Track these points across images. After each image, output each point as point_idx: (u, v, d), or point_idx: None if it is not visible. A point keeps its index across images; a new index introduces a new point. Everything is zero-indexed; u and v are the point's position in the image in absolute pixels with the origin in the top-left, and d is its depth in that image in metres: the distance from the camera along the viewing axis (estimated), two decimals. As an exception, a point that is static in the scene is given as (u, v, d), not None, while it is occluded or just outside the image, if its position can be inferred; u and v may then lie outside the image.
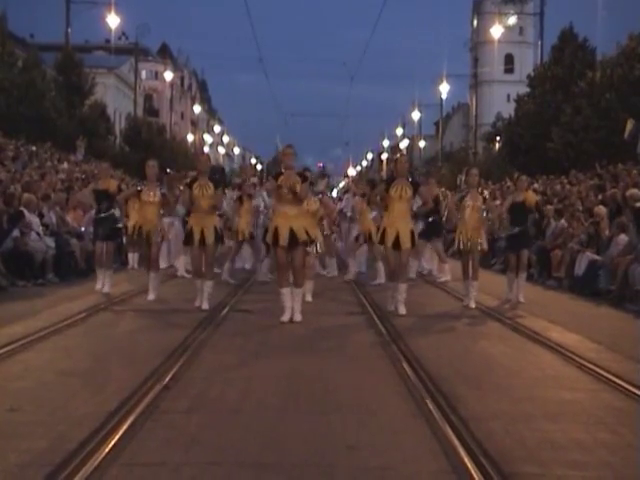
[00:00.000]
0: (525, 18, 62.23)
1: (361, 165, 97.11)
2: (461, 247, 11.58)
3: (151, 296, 11.54)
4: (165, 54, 75.27)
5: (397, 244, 10.42)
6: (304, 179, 9.62)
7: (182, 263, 15.59)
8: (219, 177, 17.53)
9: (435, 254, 15.96)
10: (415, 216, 12.18)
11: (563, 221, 16.15)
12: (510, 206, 12.33)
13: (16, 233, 13.52)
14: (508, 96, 59.09)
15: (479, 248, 11.58)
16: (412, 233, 10.57)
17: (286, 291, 9.60)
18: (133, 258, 16.99)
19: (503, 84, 71.61)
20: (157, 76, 70.42)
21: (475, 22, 77.01)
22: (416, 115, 65.60)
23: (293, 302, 9.66)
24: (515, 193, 12.69)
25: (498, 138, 43.54)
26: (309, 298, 11.56)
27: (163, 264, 16.71)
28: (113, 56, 53.09)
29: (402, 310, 10.46)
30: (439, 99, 55.80)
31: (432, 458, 4.49)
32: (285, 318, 9.56)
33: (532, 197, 12.95)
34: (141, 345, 8.04)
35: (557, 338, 8.61)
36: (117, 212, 13.01)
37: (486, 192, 23.13)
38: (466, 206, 11.51)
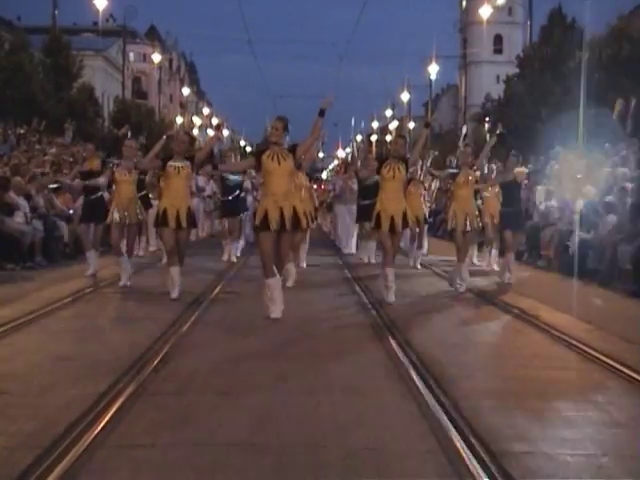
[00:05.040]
0: (514, -2, 62.04)
1: (350, 146, 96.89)
2: (456, 227, 11.06)
3: (123, 282, 11.13)
4: (153, 36, 74.58)
5: (392, 227, 9.81)
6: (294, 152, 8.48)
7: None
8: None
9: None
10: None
11: (553, 201, 16.16)
12: (501, 186, 12.42)
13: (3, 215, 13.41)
14: (497, 77, 58.89)
15: (476, 225, 11.25)
16: (405, 214, 9.90)
17: (274, 281, 8.42)
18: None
19: (492, 65, 71.11)
20: (145, 58, 69.75)
21: (464, 2, 76.50)
22: (405, 96, 65.34)
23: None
24: (505, 173, 12.62)
25: (487, 119, 43.47)
26: (303, 264, 11.79)
27: (152, 247, 16.74)
28: (101, 38, 52.60)
29: (391, 298, 9.74)
30: (428, 80, 55.65)
31: (421, 438, 4.49)
32: (277, 314, 8.35)
33: (521, 172, 13.01)
34: (130, 327, 8.02)
35: (547, 318, 8.62)
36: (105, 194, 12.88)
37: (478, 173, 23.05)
38: (460, 182, 11.17)
